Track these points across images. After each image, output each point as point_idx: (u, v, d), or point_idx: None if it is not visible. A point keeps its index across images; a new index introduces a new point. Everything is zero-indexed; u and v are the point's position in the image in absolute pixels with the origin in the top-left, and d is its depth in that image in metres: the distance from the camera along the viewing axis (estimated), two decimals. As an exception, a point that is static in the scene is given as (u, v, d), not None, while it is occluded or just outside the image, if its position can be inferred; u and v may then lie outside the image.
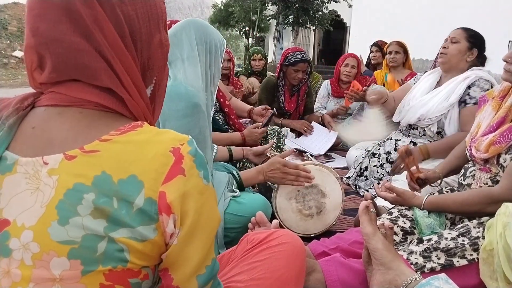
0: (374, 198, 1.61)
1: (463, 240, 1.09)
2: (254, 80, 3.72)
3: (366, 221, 1.04)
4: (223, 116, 2.28)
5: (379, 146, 2.22)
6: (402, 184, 1.59)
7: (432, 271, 1.05)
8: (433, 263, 1.07)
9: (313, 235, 1.53)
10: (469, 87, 1.81)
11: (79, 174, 0.48)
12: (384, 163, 2.12)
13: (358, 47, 9.97)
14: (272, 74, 3.80)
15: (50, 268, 0.47)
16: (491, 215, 1.05)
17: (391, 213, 1.35)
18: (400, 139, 2.10)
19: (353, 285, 1.07)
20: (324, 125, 3.11)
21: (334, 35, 19.30)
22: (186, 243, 0.53)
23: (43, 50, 0.52)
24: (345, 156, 2.67)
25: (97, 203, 0.48)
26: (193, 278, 0.56)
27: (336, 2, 14.19)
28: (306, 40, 19.52)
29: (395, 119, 2.14)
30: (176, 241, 0.52)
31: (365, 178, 2.21)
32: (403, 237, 1.28)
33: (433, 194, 1.37)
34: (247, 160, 1.86)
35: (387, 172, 2.10)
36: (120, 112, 0.56)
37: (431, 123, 1.92)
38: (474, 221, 1.15)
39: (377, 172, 2.14)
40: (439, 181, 1.52)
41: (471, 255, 1.06)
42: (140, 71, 0.58)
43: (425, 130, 1.97)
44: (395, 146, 2.09)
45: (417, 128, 2.01)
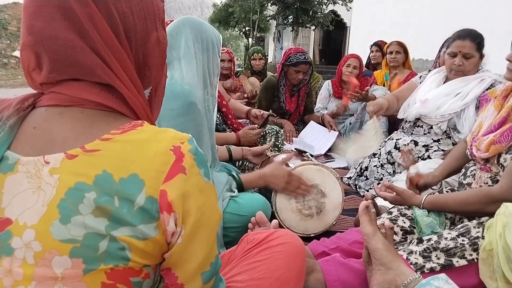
0: (374, 198, 1.60)
1: (462, 240, 1.09)
2: (254, 80, 3.72)
3: (366, 221, 1.04)
4: (220, 116, 2.28)
5: (380, 146, 2.22)
6: (402, 184, 1.59)
7: (432, 271, 1.05)
8: (433, 263, 1.07)
9: (313, 235, 1.53)
10: (487, 89, 1.80)
11: (80, 173, 0.49)
12: (385, 163, 2.12)
13: (358, 47, 9.98)
14: (272, 74, 3.80)
15: (52, 266, 0.48)
16: (491, 215, 1.05)
17: (390, 213, 1.35)
18: (400, 138, 2.09)
19: (353, 285, 1.07)
20: (324, 125, 3.11)
21: (334, 35, 19.30)
22: (190, 241, 0.53)
23: (39, 48, 0.52)
24: (345, 156, 2.68)
25: (99, 202, 0.48)
26: (198, 276, 0.57)
27: (335, 3, 14.20)
28: (306, 40, 19.53)
29: (400, 116, 2.13)
30: (181, 240, 0.52)
31: (365, 178, 2.21)
32: (403, 236, 1.28)
33: (433, 194, 1.37)
34: (246, 160, 1.87)
35: (387, 172, 2.10)
36: (121, 111, 0.56)
37: (443, 120, 1.91)
38: (474, 221, 1.15)
39: (377, 172, 2.14)
40: (439, 184, 1.52)
41: (471, 255, 1.06)
42: (136, 69, 0.58)
43: (430, 128, 1.96)
44: (395, 145, 2.09)
45: (421, 126, 2.01)
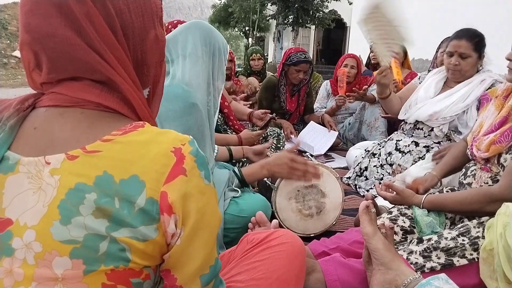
0: (374, 198, 1.60)
1: (463, 240, 1.09)
2: (253, 80, 3.72)
3: (366, 221, 1.04)
4: (222, 117, 2.29)
5: (379, 146, 2.22)
6: (403, 184, 1.59)
7: (432, 270, 1.05)
8: (433, 262, 1.07)
9: (313, 235, 1.53)
10: (488, 89, 1.80)
11: (81, 174, 0.49)
12: (384, 164, 2.12)
13: (358, 47, 9.96)
14: (272, 74, 3.80)
15: (53, 267, 0.48)
16: (491, 215, 1.05)
17: (390, 212, 1.35)
18: (401, 139, 2.09)
19: (353, 285, 1.07)
20: (324, 125, 3.11)
21: (334, 35, 19.32)
22: (189, 243, 0.53)
23: (37, 46, 0.52)
24: (345, 156, 2.68)
25: (99, 203, 0.48)
26: (197, 278, 0.57)
27: (336, 0, 14.17)
28: (306, 40, 19.53)
29: (401, 116, 2.13)
30: (180, 241, 0.52)
31: (365, 178, 2.21)
32: (403, 236, 1.28)
33: (433, 194, 1.37)
34: (247, 159, 1.86)
35: (387, 172, 2.10)
36: (121, 112, 0.56)
37: (444, 123, 1.91)
38: (474, 221, 1.15)
39: (377, 172, 2.14)
40: (439, 183, 1.52)
41: (471, 254, 1.06)
42: (134, 66, 0.58)
43: (431, 131, 1.96)
44: (396, 146, 2.09)
45: (422, 128, 2.00)
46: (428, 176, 1.53)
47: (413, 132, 2.06)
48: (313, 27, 15.85)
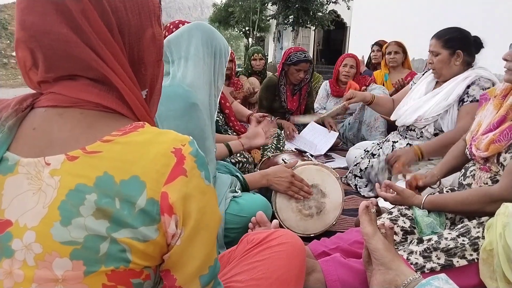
0: (377, 201, 1.61)
1: (463, 240, 1.09)
2: (254, 80, 3.72)
3: (366, 221, 1.04)
4: (223, 117, 2.28)
5: (379, 146, 2.22)
6: (403, 185, 1.59)
7: (432, 271, 1.06)
8: (433, 263, 1.07)
9: (313, 235, 1.54)
10: (468, 86, 1.80)
11: (81, 175, 0.49)
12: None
13: (358, 47, 9.97)
14: (273, 74, 3.80)
15: (53, 268, 0.47)
16: (491, 215, 1.05)
17: (391, 213, 1.35)
18: (397, 141, 2.10)
19: (353, 285, 1.07)
20: (324, 125, 3.11)
21: (334, 35, 19.30)
22: (189, 243, 0.53)
23: (32, 43, 0.52)
24: (345, 156, 2.68)
25: (99, 204, 0.48)
26: (196, 279, 0.56)
27: (335, 3, 14.21)
28: (306, 40, 19.52)
29: (392, 118, 2.15)
30: (180, 242, 0.52)
31: (367, 181, 2.21)
32: (403, 237, 1.28)
33: (433, 194, 1.37)
34: (249, 149, 1.83)
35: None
36: (121, 112, 0.56)
37: (427, 123, 1.91)
38: (474, 221, 1.15)
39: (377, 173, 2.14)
40: (438, 182, 1.52)
41: (471, 255, 1.06)
42: (131, 65, 0.58)
43: (422, 132, 1.96)
44: (392, 148, 2.08)
45: (414, 130, 2.01)
46: (429, 173, 1.53)
47: (407, 134, 2.06)
48: (313, 27, 15.83)
